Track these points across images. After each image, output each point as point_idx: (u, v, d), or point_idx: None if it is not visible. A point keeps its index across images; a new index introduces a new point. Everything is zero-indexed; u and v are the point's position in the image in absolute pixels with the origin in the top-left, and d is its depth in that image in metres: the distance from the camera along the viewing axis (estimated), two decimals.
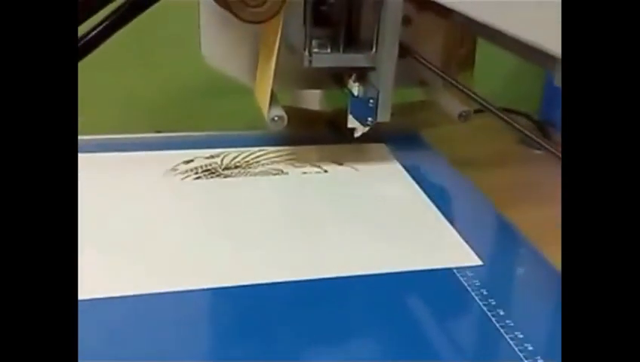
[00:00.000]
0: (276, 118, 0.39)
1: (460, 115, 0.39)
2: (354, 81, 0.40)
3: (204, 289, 0.30)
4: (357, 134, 0.40)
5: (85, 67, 0.43)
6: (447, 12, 0.35)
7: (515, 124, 0.32)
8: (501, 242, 0.36)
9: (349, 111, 0.40)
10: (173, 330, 0.27)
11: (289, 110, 0.40)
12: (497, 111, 0.32)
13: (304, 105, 0.51)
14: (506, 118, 0.32)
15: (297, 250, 0.33)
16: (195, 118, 0.64)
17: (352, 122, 0.40)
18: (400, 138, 0.46)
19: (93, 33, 0.44)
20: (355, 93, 0.39)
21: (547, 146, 0.29)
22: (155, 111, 0.64)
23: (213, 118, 0.62)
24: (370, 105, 0.39)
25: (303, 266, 0.32)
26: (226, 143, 0.45)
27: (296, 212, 0.37)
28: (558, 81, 0.24)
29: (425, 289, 0.31)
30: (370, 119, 0.39)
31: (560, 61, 0.20)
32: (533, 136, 0.31)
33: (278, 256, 0.33)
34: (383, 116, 0.39)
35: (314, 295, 0.30)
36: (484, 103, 0.34)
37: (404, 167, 0.43)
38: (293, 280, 0.31)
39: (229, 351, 0.26)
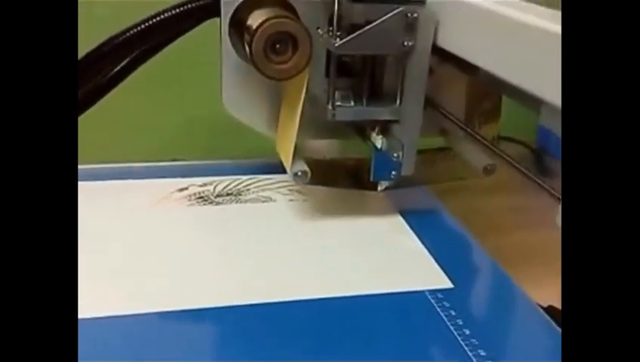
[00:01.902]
0: (300, 173, 0.38)
1: (485, 169, 0.39)
2: (377, 134, 0.39)
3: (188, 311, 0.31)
4: (381, 188, 0.40)
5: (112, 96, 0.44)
6: (472, 69, 0.34)
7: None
8: (472, 267, 0.38)
9: (372, 164, 0.39)
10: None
11: (310, 162, 0.40)
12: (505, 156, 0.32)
13: (310, 154, 0.50)
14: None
15: (271, 273, 0.35)
16: (213, 151, 0.64)
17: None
18: None
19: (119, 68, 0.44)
20: (379, 146, 0.39)
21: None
22: (173, 142, 0.64)
23: (232, 151, 0.62)
24: (395, 158, 0.38)
25: (278, 288, 0.33)
26: (221, 171, 0.47)
27: (277, 237, 0.39)
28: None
29: (396, 310, 0.33)
30: (394, 173, 0.39)
31: None
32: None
33: (253, 278, 0.34)
34: (407, 169, 0.39)
35: (287, 316, 0.31)
36: (506, 157, 0.34)
37: (387, 197, 0.44)
38: (266, 302, 0.32)
39: None
